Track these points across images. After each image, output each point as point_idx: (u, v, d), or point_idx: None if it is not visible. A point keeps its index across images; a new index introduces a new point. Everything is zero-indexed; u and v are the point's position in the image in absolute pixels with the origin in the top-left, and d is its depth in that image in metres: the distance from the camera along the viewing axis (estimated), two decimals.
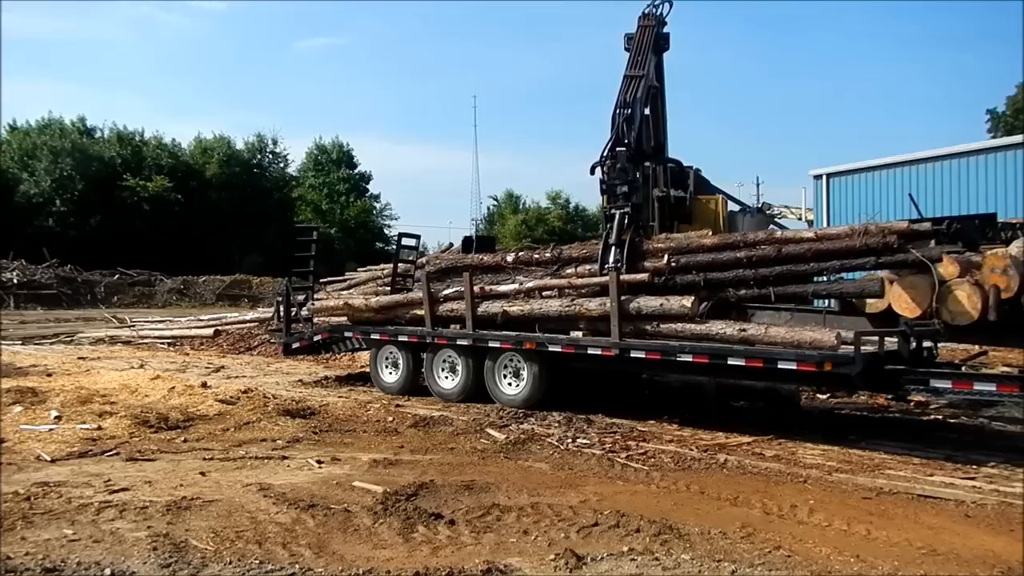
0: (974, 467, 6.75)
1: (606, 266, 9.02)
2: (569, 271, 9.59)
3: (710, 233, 9.11)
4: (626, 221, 9.19)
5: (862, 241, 7.43)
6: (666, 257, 8.69)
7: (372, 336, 11.03)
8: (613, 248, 9.10)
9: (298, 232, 16.30)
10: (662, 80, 11.50)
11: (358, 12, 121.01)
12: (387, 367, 10.99)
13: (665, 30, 11.39)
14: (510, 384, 9.63)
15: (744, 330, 7.85)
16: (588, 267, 9.38)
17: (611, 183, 9.60)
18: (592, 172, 10.21)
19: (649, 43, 10.67)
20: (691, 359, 8.03)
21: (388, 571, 4.27)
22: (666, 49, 11.44)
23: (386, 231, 62.14)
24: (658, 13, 11.32)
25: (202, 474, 6.34)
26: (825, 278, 8.06)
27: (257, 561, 4.36)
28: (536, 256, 10.03)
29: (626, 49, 10.96)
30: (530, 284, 9.76)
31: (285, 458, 6.98)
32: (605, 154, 9.85)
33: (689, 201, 12.82)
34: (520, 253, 10.30)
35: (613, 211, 9.37)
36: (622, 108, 10.00)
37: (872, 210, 19.45)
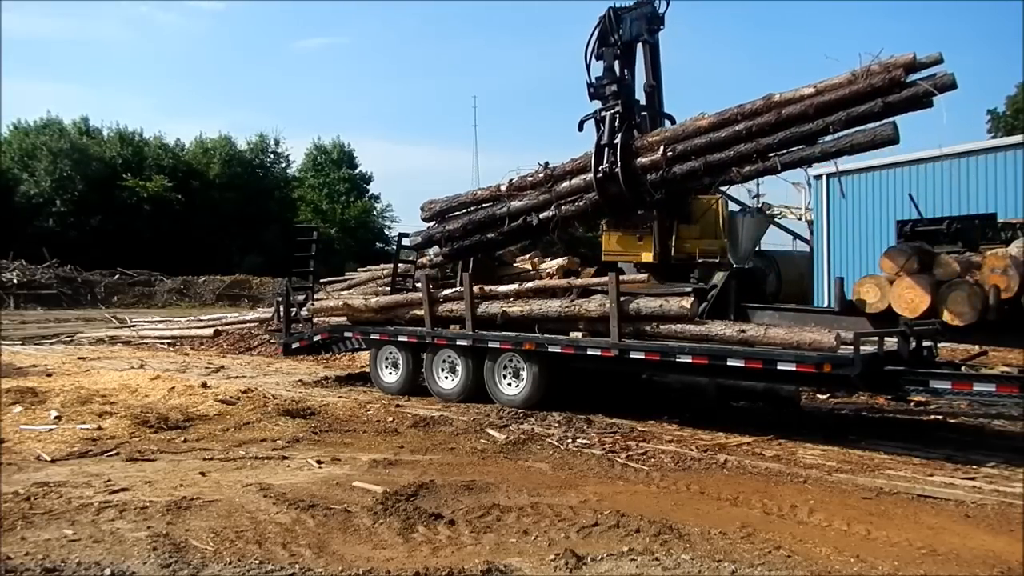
0: (974, 467, 6.75)
1: (601, 167, 8.87)
2: (563, 187, 9.45)
3: (705, 114, 8.64)
4: (617, 120, 9.02)
5: (866, 83, 7.06)
6: (662, 149, 8.45)
7: (372, 336, 11.03)
8: (606, 149, 8.93)
9: (298, 232, 16.31)
10: (659, 76, 11.29)
11: (358, 12, 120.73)
12: (387, 367, 10.99)
13: (660, 10, 11.05)
14: (510, 384, 9.62)
15: (743, 331, 7.85)
16: (583, 178, 9.22)
17: (599, 83, 9.37)
18: (580, 128, 9.87)
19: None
20: (691, 360, 8.03)
21: (388, 571, 4.27)
22: (660, 28, 11.12)
23: (386, 231, 62.09)
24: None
25: (202, 474, 6.34)
26: (831, 136, 7.53)
27: (257, 561, 4.36)
28: (530, 179, 9.88)
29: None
30: (529, 284, 9.76)
31: (285, 458, 6.98)
32: (590, 53, 9.56)
33: (687, 201, 12.71)
34: (513, 180, 10.08)
35: (603, 113, 9.21)
36: (611, 11, 9.65)
37: (872, 211, 19.49)
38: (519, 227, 9.92)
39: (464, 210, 10.60)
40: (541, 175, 9.75)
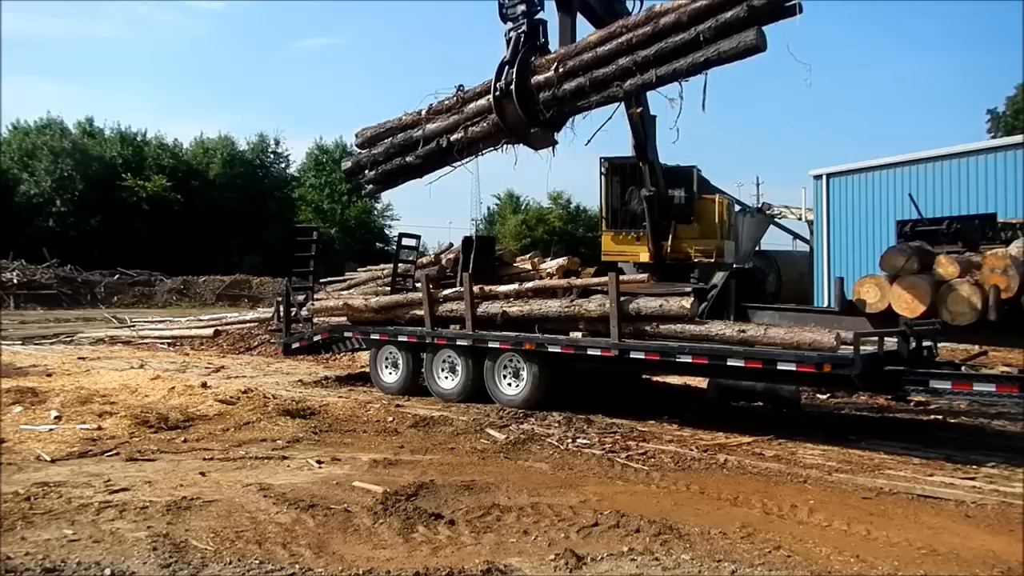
0: (974, 467, 6.76)
1: (498, 84, 9.08)
2: (471, 108, 9.61)
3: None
4: (522, 41, 9.14)
5: None
6: (554, 66, 8.63)
7: (372, 336, 11.02)
8: (506, 67, 9.10)
9: (298, 232, 16.30)
10: None
11: (358, 12, 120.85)
12: (387, 367, 10.98)
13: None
14: (510, 384, 9.62)
15: (743, 331, 7.85)
16: (487, 98, 9.37)
17: (510, 3, 9.40)
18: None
19: None
20: (691, 360, 8.03)
21: (388, 571, 4.27)
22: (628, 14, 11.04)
23: (386, 231, 62.09)
24: None
25: (202, 474, 6.34)
26: (703, 53, 7.60)
27: (257, 561, 4.36)
28: (446, 103, 10.07)
29: None
30: (529, 284, 9.76)
31: (285, 458, 6.98)
32: None
33: (688, 201, 12.74)
34: (432, 104, 10.29)
35: (511, 33, 9.31)
36: None
37: (872, 211, 19.50)
38: (433, 150, 10.07)
39: (391, 136, 10.71)
40: (455, 98, 9.92)
